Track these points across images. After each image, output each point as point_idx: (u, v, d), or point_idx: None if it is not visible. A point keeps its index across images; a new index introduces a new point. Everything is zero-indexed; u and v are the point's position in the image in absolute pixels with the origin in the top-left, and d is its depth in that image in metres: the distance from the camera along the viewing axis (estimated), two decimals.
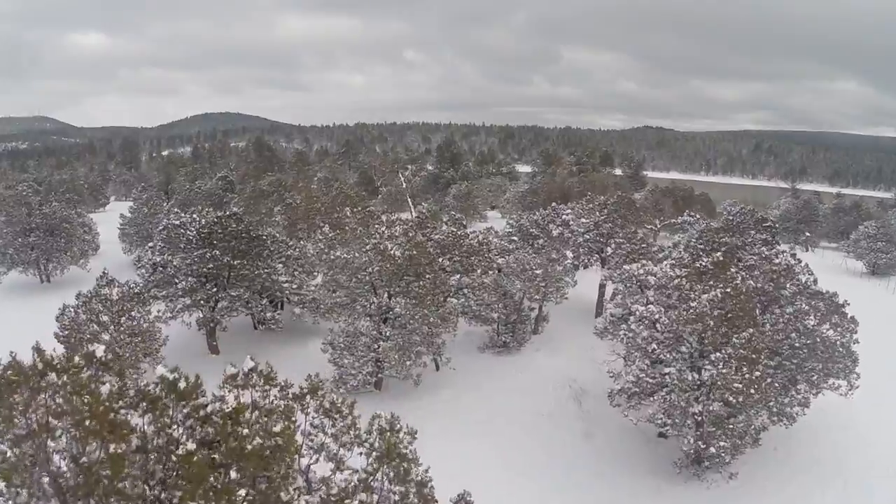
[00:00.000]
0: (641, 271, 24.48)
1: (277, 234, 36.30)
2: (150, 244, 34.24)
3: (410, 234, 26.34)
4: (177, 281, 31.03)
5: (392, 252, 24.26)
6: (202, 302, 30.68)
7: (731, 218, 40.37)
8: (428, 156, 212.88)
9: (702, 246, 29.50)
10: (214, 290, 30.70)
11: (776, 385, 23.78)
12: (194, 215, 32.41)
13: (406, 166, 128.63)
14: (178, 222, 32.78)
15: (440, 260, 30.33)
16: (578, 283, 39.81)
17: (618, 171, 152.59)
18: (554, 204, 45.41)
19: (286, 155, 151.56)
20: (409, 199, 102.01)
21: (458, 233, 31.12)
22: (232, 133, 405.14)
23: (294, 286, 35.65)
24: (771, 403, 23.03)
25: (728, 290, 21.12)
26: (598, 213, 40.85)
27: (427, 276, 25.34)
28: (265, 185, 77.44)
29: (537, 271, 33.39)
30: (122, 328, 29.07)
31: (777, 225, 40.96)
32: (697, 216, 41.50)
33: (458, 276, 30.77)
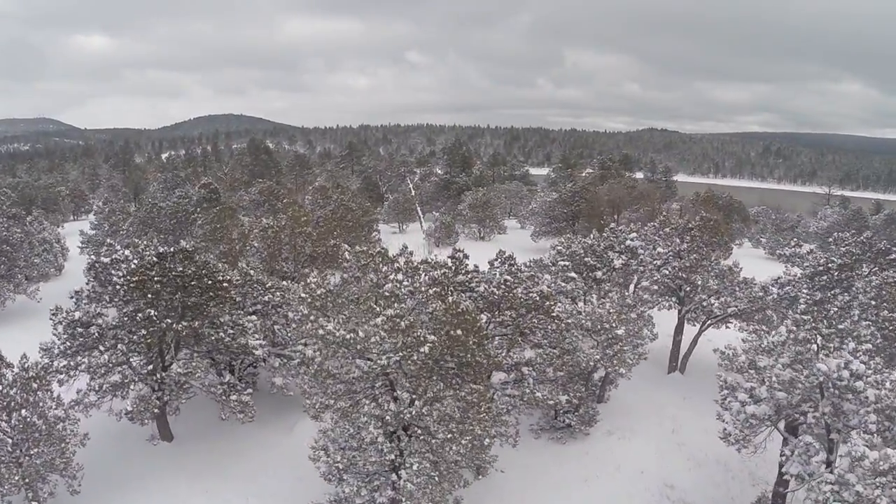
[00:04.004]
0: (844, 374, 14.22)
1: (252, 272, 26.38)
2: (76, 290, 24.32)
3: (451, 297, 16.32)
4: (101, 349, 21.25)
5: (420, 333, 14.29)
6: (135, 381, 20.82)
7: (851, 249, 30.32)
8: (433, 157, 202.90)
9: (893, 315, 19.43)
10: (150, 366, 20.79)
11: None
12: (127, 252, 22.49)
13: (414, 170, 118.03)
14: (107, 260, 22.99)
15: (482, 319, 20.33)
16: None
17: (638, 175, 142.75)
18: (613, 225, 35.48)
19: (287, 157, 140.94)
20: (417, 208, 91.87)
21: (512, 281, 20.91)
22: (235, 135, 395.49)
23: (276, 340, 26.02)
24: None
25: None
26: (678, 238, 30.90)
27: (476, 361, 15.50)
28: (255, 192, 67.92)
29: (618, 331, 23.50)
30: (19, 427, 19.33)
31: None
32: (812, 247, 31.28)
33: (514, 345, 20.74)
